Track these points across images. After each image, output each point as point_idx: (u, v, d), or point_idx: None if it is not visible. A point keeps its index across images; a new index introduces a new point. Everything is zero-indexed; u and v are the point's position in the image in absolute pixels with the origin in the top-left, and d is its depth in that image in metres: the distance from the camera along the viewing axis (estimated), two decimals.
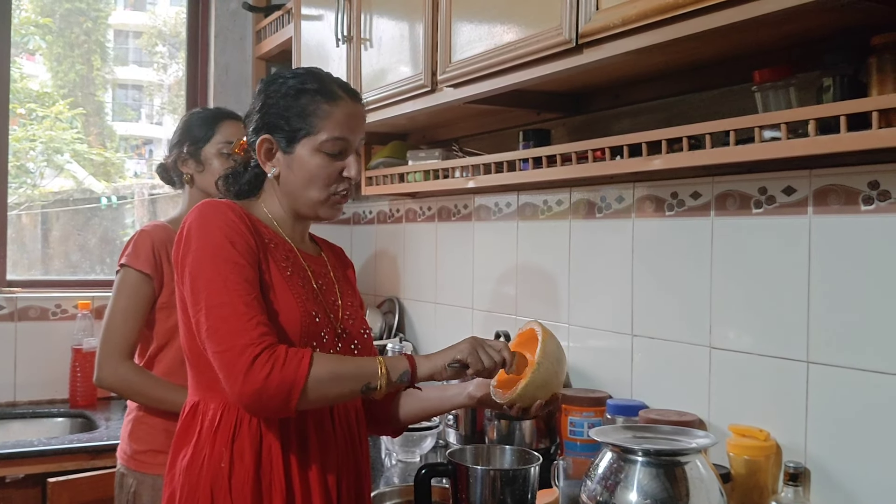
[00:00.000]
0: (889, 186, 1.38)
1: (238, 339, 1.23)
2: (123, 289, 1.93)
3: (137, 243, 1.94)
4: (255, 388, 1.21)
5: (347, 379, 1.28)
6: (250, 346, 1.22)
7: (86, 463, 2.27)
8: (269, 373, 1.21)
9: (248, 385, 1.21)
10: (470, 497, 1.47)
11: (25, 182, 3.52)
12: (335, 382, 1.27)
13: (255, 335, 1.23)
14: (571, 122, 2.08)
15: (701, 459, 1.34)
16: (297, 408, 1.24)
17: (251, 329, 1.24)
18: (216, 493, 1.30)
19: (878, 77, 1.27)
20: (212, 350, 1.26)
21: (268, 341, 1.24)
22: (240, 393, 1.22)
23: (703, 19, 1.27)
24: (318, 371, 1.24)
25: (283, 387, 1.21)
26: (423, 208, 2.79)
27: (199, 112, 2.10)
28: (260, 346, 1.22)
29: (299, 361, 1.23)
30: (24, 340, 2.83)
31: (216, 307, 1.26)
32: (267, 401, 1.22)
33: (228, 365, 1.23)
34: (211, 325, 1.25)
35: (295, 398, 1.22)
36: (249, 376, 1.21)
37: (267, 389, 1.21)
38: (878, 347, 1.39)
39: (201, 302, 1.27)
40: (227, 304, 1.25)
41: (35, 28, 3.58)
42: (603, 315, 2.00)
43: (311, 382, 1.23)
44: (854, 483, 1.43)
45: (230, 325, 1.24)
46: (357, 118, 1.42)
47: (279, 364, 1.22)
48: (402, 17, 2.13)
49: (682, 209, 1.78)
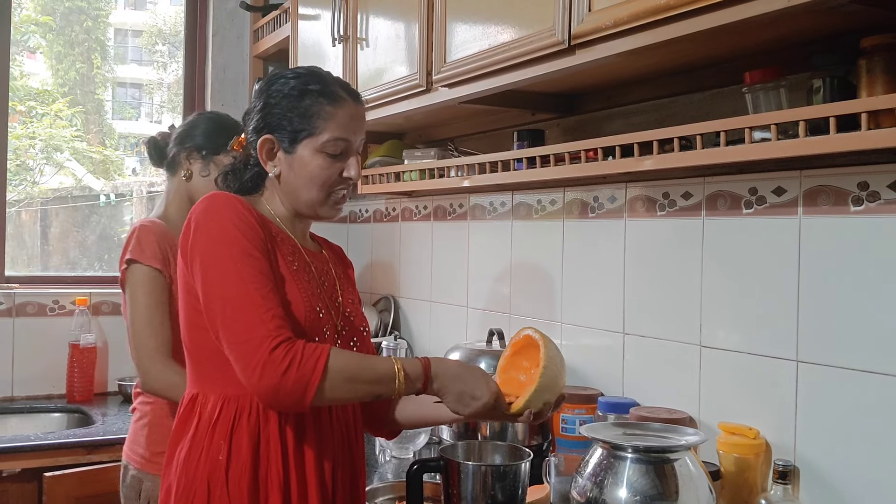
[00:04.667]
0: (878, 187, 1.40)
1: (255, 332, 1.22)
2: (139, 286, 1.87)
3: (141, 238, 1.90)
4: (273, 382, 1.20)
5: (364, 384, 1.27)
6: (267, 339, 1.21)
7: (82, 458, 2.28)
8: (286, 368, 1.20)
9: (265, 379, 1.20)
10: (461, 493, 1.48)
11: (25, 179, 3.53)
12: (351, 385, 1.26)
13: (271, 327, 1.23)
14: (565, 122, 2.10)
15: (690, 457, 1.35)
16: (313, 404, 1.24)
17: (268, 321, 1.23)
18: (213, 486, 1.30)
19: (867, 79, 1.28)
20: (228, 341, 1.25)
21: (285, 334, 1.23)
22: (257, 386, 1.22)
23: (694, 21, 1.28)
24: (335, 372, 1.23)
25: (299, 384, 1.21)
26: (419, 207, 2.80)
27: (227, 119, 2.06)
28: (278, 338, 1.22)
29: (317, 359, 1.22)
30: (21, 336, 2.84)
31: (232, 299, 1.25)
32: (283, 397, 1.22)
33: (245, 357, 1.22)
34: (227, 317, 1.25)
35: (310, 396, 1.22)
36: (267, 370, 1.20)
37: (284, 385, 1.20)
38: (867, 347, 1.40)
39: (215, 293, 1.27)
40: (243, 296, 1.25)
41: (35, 26, 3.59)
42: (595, 313, 2.02)
43: (326, 382, 1.22)
44: (843, 481, 1.44)
45: (247, 317, 1.23)
46: (358, 119, 1.43)
47: (297, 360, 1.21)
48: (397, 17, 2.15)
49: (674, 209, 1.79)
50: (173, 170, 2.05)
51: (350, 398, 1.32)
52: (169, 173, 2.07)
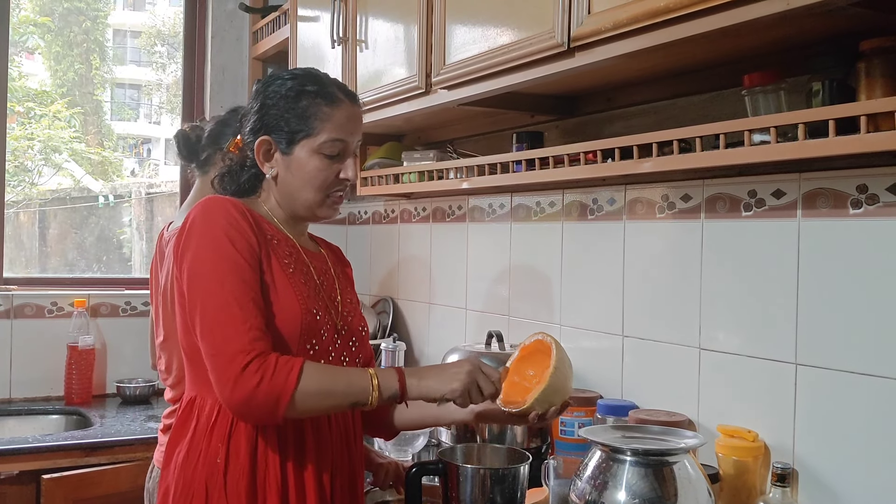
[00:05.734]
0: (877, 190, 1.40)
1: (229, 345, 1.24)
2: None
3: None
4: (244, 396, 1.22)
5: (337, 395, 1.29)
6: (241, 354, 1.23)
7: (80, 460, 2.27)
8: (258, 383, 1.22)
9: (237, 393, 1.22)
10: (460, 495, 1.48)
11: (23, 180, 3.53)
12: (323, 397, 1.27)
13: (245, 341, 1.24)
14: (564, 124, 2.10)
15: (689, 459, 1.35)
16: (286, 416, 1.25)
17: (243, 334, 1.24)
18: (211, 489, 1.30)
19: (866, 82, 1.28)
20: (205, 351, 1.27)
21: (259, 348, 1.24)
22: (229, 399, 1.24)
23: (693, 24, 1.28)
24: (307, 384, 1.24)
25: (270, 397, 1.22)
26: (418, 209, 2.80)
27: None
28: (251, 353, 1.23)
29: (288, 373, 1.24)
30: (20, 338, 2.84)
31: (211, 308, 1.26)
32: (255, 409, 1.24)
33: (219, 370, 1.24)
34: (205, 326, 1.27)
35: (282, 409, 1.23)
36: (239, 384, 1.22)
37: (255, 398, 1.22)
38: (866, 350, 1.40)
39: (197, 300, 1.28)
40: (221, 307, 1.26)
41: (34, 27, 3.59)
42: (594, 316, 2.01)
43: (298, 395, 1.24)
44: (841, 484, 1.44)
45: (223, 329, 1.25)
46: (355, 120, 1.43)
47: (269, 374, 1.22)
48: (397, 19, 2.15)
49: (673, 211, 1.79)
50: (205, 169, 2.01)
51: (325, 409, 1.33)
52: (200, 172, 2.03)
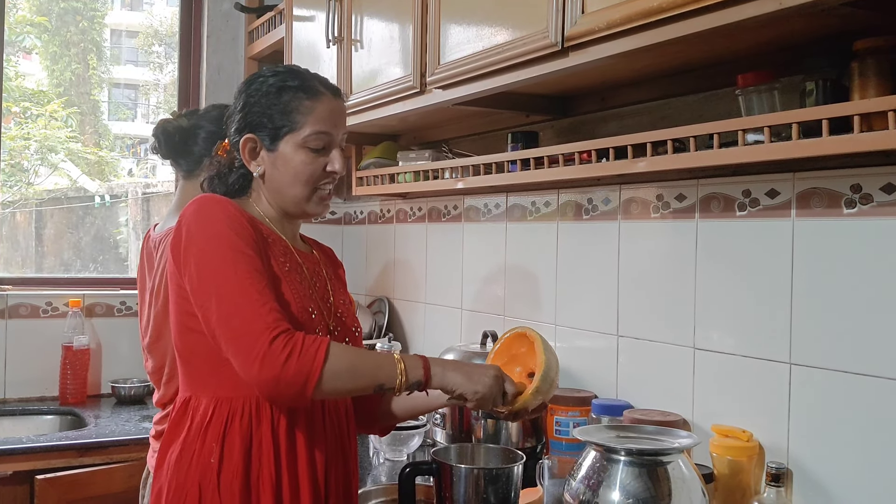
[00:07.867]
0: (871, 189, 1.40)
1: (253, 325, 1.22)
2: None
3: None
4: (273, 374, 1.20)
5: (365, 375, 1.27)
6: (266, 331, 1.21)
7: (74, 460, 2.27)
8: (286, 358, 1.20)
9: (265, 371, 1.20)
10: (453, 495, 1.48)
11: (20, 180, 3.53)
12: (351, 376, 1.26)
13: (270, 320, 1.22)
14: (559, 124, 2.10)
15: (683, 459, 1.35)
16: (314, 397, 1.23)
17: (265, 314, 1.23)
18: (204, 489, 1.30)
19: (859, 81, 1.28)
20: (225, 337, 1.24)
21: (284, 326, 1.23)
22: (257, 378, 1.21)
23: (687, 23, 1.28)
24: (335, 363, 1.23)
25: (300, 374, 1.20)
26: (414, 209, 2.80)
27: None
28: (276, 329, 1.22)
29: (316, 350, 1.22)
30: (14, 338, 2.83)
31: (228, 295, 1.25)
32: (284, 387, 1.21)
33: (245, 350, 1.21)
34: (223, 314, 1.24)
35: (311, 386, 1.21)
36: (267, 361, 1.20)
37: (285, 376, 1.20)
38: (860, 349, 1.40)
39: (211, 291, 1.26)
40: (239, 293, 1.24)
41: (31, 27, 3.58)
42: (589, 316, 2.01)
43: (326, 373, 1.21)
44: (835, 483, 1.44)
45: (244, 312, 1.23)
46: (338, 113, 1.43)
47: (297, 350, 1.21)
48: (392, 19, 2.14)
49: (668, 211, 1.79)
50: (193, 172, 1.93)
51: (352, 389, 1.31)
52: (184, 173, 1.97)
